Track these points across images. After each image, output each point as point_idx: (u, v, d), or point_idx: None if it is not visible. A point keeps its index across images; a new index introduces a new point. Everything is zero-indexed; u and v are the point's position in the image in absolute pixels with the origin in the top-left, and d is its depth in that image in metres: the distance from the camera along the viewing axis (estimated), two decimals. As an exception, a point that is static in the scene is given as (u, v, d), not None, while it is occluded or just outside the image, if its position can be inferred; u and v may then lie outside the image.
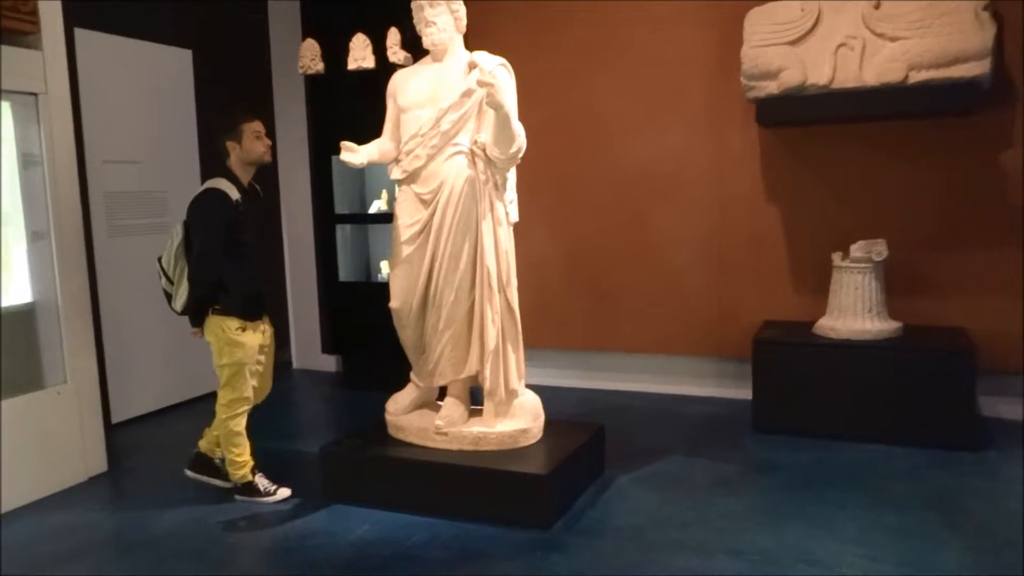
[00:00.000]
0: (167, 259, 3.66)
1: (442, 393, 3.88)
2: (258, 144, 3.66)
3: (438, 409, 3.80)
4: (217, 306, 3.63)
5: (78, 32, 4.77)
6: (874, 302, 4.34)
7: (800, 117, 4.54)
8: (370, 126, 3.95)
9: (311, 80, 5.66)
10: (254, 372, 3.76)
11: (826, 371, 4.34)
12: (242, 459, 3.76)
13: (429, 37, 3.63)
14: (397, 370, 4.11)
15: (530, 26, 5.36)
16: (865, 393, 4.25)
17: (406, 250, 3.65)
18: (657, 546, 3.18)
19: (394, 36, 5.18)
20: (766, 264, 4.98)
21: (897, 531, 3.22)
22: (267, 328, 3.81)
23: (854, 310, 4.35)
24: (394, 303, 3.72)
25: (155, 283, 3.75)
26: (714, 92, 4.98)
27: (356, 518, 3.54)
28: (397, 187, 3.77)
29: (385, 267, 5.60)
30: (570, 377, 5.58)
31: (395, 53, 5.17)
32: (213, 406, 3.76)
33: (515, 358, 3.68)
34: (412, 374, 3.90)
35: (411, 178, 3.64)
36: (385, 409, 3.91)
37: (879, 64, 4.23)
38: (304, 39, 5.51)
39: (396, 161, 3.71)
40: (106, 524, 3.65)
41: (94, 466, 4.19)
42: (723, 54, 4.85)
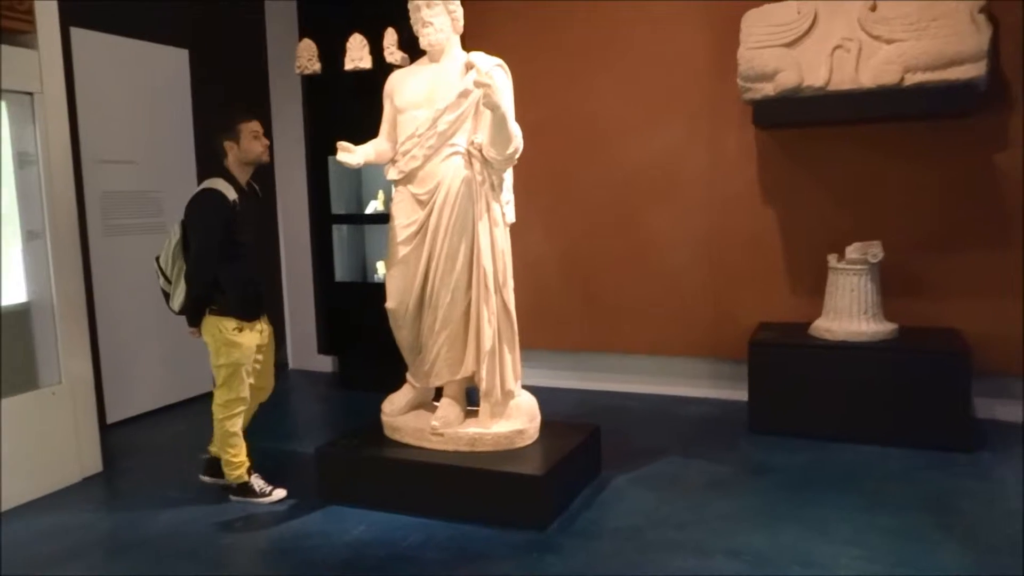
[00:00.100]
0: (165, 259, 3.65)
1: (438, 394, 3.88)
2: (256, 144, 3.66)
3: (434, 410, 3.79)
4: (214, 306, 3.63)
5: (74, 31, 4.76)
6: (870, 304, 4.35)
7: (796, 119, 4.55)
8: (367, 126, 3.95)
9: (308, 80, 5.66)
10: (252, 372, 3.76)
11: (822, 372, 4.34)
12: (238, 460, 3.75)
13: (426, 38, 3.63)
14: (393, 371, 4.11)
15: (527, 27, 5.36)
16: (861, 394, 4.25)
17: (402, 251, 3.65)
18: (653, 547, 3.19)
19: (391, 36, 5.18)
20: (762, 265, 4.99)
21: (892, 532, 3.22)
22: (265, 328, 3.81)
23: (850, 312, 4.36)
24: (390, 304, 3.72)
25: (151, 283, 3.75)
26: (710, 93, 4.99)
27: (352, 519, 3.54)
28: (394, 187, 3.76)
29: (381, 267, 5.59)
30: (566, 378, 5.59)
31: (392, 53, 5.17)
32: (209, 406, 3.76)
33: (511, 359, 3.68)
34: (408, 375, 3.90)
35: (408, 179, 3.64)
36: (381, 410, 3.91)
37: (875, 66, 4.24)
38: (301, 39, 5.50)
39: (393, 162, 3.71)
40: (101, 525, 3.64)
41: (89, 466, 4.18)
42: (719, 55, 4.86)
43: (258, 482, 3.79)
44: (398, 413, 3.85)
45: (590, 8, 5.24)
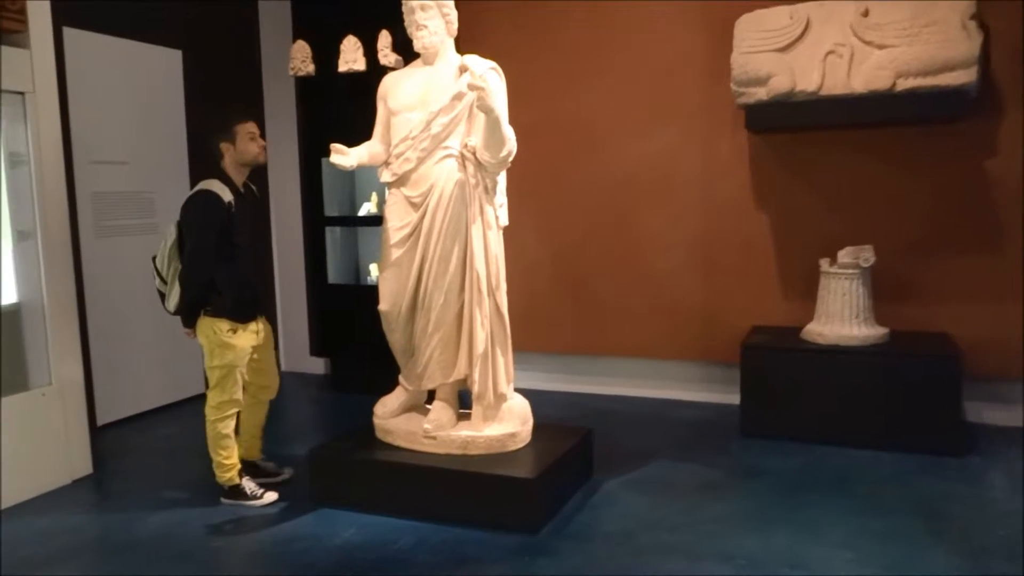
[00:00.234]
0: (161, 260, 3.65)
1: (431, 397, 3.87)
2: (252, 145, 3.66)
3: (426, 413, 3.79)
4: (208, 307, 3.62)
5: (67, 31, 4.74)
6: (861, 308, 4.36)
7: (789, 123, 4.56)
8: (360, 129, 3.95)
9: (301, 82, 5.65)
10: (250, 372, 3.77)
11: (813, 376, 4.36)
12: (229, 462, 3.74)
13: (420, 40, 3.63)
14: (386, 373, 4.10)
15: (521, 30, 5.37)
16: (852, 398, 4.27)
17: (395, 253, 3.65)
18: (645, 550, 3.19)
19: (385, 39, 5.17)
20: (755, 269, 5.00)
21: (884, 536, 3.23)
22: (261, 328, 3.80)
23: (841, 316, 4.37)
24: (383, 306, 3.71)
25: (143, 284, 3.74)
26: (704, 97, 5.00)
27: (343, 522, 3.53)
28: (387, 190, 3.76)
29: (374, 270, 5.58)
30: (559, 381, 5.58)
31: (386, 56, 5.17)
32: (202, 408, 3.74)
33: (504, 362, 3.68)
34: (401, 377, 3.89)
35: (401, 181, 3.64)
36: (373, 412, 3.90)
37: (867, 71, 4.26)
38: (295, 41, 5.49)
39: (386, 164, 3.71)
40: (90, 527, 3.62)
41: (79, 468, 4.16)
42: (713, 60, 4.88)
43: (249, 485, 3.78)
44: (390, 416, 3.84)
45: (584, 12, 5.25)
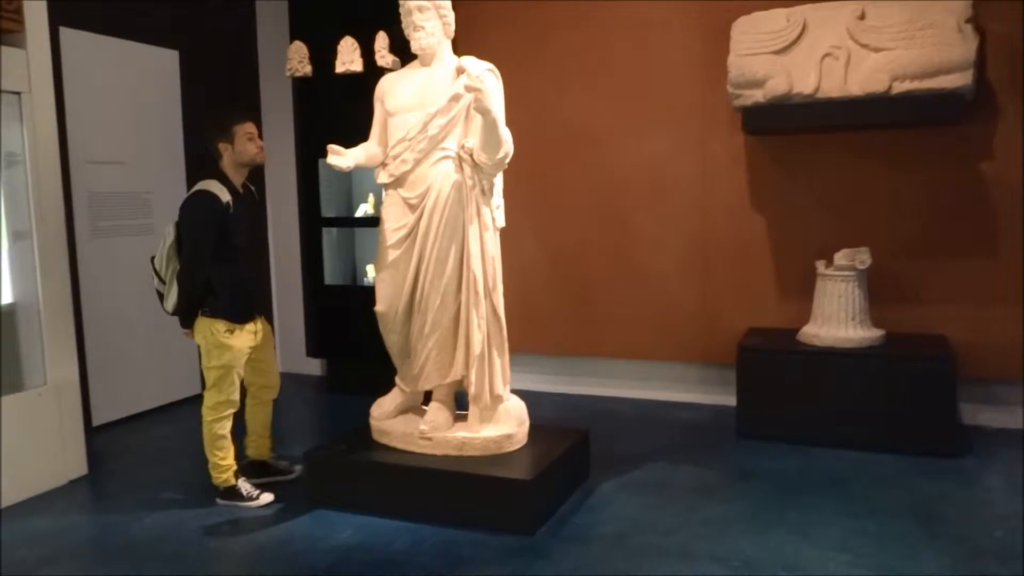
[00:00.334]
0: (159, 260, 3.65)
1: (427, 398, 3.87)
2: (250, 146, 3.66)
3: (423, 414, 3.79)
4: (206, 308, 3.62)
5: (63, 31, 4.73)
6: (857, 310, 4.37)
7: (785, 125, 4.57)
8: (357, 130, 3.95)
9: (298, 83, 5.64)
10: (251, 372, 3.79)
11: (809, 378, 4.36)
12: (225, 463, 3.73)
13: (417, 42, 3.63)
14: (382, 374, 4.10)
15: (518, 32, 5.37)
16: (847, 400, 4.27)
17: (392, 254, 3.65)
18: (641, 552, 3.19)
19: (382, 40, 5.17)
20: (751, 271, 5.01)
21: (879, 537, 3.24)
22: (260, 329, 3.80)
23: (837, 318, 4.38)
24: (380, 307, 3.71)
25: (139, 285, 3.74)
26: (701, 100, 5.01)
27: (339, 523, 3.52)
28: (384, 191, 3.76)
29: (371, 271, 5.58)
30: (555, 382, 5.58)
31: (383, 57, 5.17)
32: (199, 409, 3.74)
33: (500, 363, 3.68)
34: (397, 379, 3.89)
35: (398, 182, 3.64)
36: (369, 414, 3.90)
37: (863, 74, 4.27)
38: (292, 41, 5.48)
39: (383, 165, 3.71)
40: (86, 528, 3.61)
41: (74, 469, 4.15)
42: (710, 62, 4.89)
43: (245, 486, 3.77)
44: (387, 417, 3.84)
45: (581, 14, 5.25)
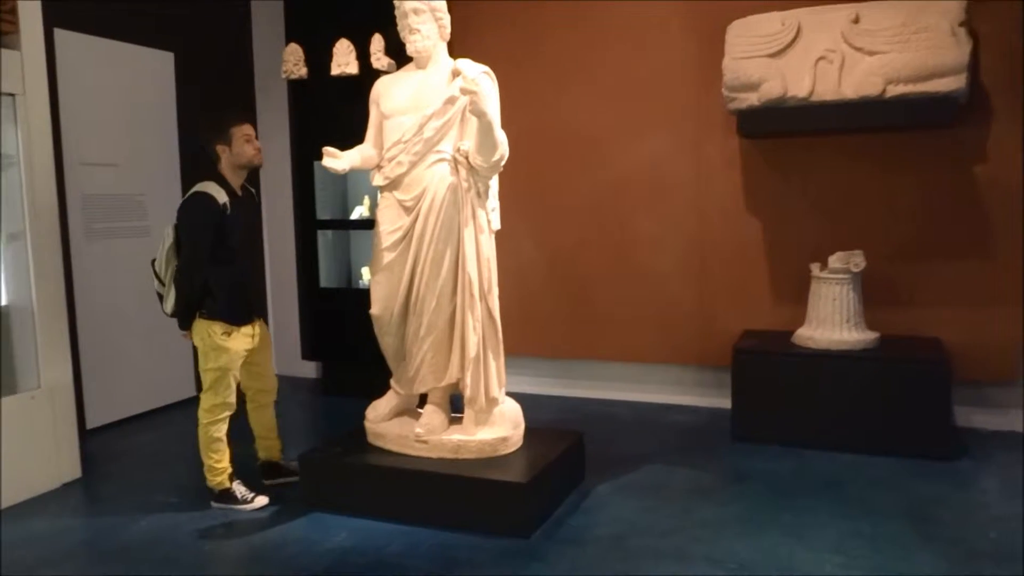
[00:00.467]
0: (159, 262, 3.65)
1: (422, 401, 3.87)
2: (248, 148, 3.65)
3: (418, 417, 3.78)
4: (203, 310, 3.61)
5: (58, 32, 4.72)
6: (852, 313, 4.38)
7: (780, 128, 4.58)
8: (353, 132, 3.95)
9: (294, 85, 5.64)
10: (249, 374, 3.78)
11: (804, 381, 4.37)
12: (220, 466, 3.72)
13: (413, 44, 3.63)
14: (377, 377, 4.10)
15: (514, 34, 5.38)
16: (842, 403, 4.28)
17: (388, 257, 3.64)
18: (637, 554, 3.19)
19: (378, 42, 5.17)
20: (746, 274, 5.01)
21: (873, 539, 3.24)
22: (257, 332, 3.79)
23: (832, 320, 4.39)
24: (375, 310, 3.71)
25: (134, 287, 3.73)
26: (695, 103, 5.02)
27: (334, 526, 3.52)
28: (379, 193, 3.76)
29: (366, 273, 5.57)
30: (550, 385, 5.58)
31: (379, 59, 5.17)
32: (193, 413, 3.73)
33: (496, 366, 3.68)
34: (392, 381, 3.89)
35: (393, 185, 3.64)
36: (365, 416, 3.90)
37: (858, 77, 4.28)
38: (288, 43, 5.49)
39: (378, 167, 3.71)
40: (79, 531, 3.60)
41: (68, 472, 4.13)
42: (704, 65, 4.90)
43: (240, 489, 3.76)
44: (382, 420, 3.84)
45: (577, 16, 5.26)
